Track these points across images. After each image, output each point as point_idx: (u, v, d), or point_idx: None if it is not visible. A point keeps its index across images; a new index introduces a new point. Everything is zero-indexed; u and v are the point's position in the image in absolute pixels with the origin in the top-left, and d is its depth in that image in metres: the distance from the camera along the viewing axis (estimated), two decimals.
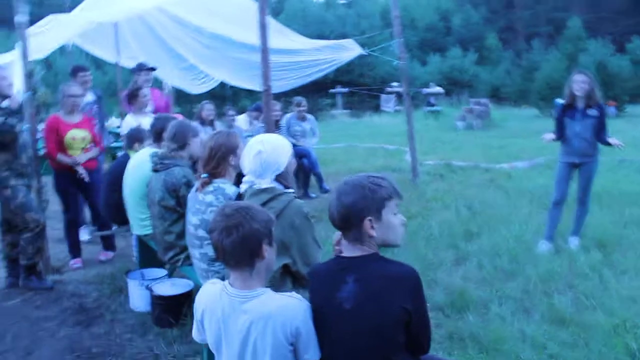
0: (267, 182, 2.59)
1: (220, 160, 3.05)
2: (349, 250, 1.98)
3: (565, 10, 49.58)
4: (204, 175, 3.05)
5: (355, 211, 1.92)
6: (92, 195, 5.22)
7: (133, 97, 5.75)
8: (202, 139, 3.75)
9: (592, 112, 4.96)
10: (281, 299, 1.91)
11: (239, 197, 2.71)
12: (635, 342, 3.26)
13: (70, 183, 5.17)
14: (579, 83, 4.97)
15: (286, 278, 2.50)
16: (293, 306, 1.89)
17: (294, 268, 2.49)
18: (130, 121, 5.65)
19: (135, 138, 4.69)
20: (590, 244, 5.18)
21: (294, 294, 1.96)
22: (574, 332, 3.50)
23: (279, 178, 2.65)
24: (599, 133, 4.99)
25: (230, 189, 3.01)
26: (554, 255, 4.93)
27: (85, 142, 5.14)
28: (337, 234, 2.08)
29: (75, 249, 5.33)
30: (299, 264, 2.49)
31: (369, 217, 1.92)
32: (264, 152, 2.61)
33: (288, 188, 2.65)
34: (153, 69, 6.60)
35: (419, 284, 1.90)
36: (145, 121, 5.69)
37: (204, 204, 3.04)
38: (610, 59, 25.32)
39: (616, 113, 23.12)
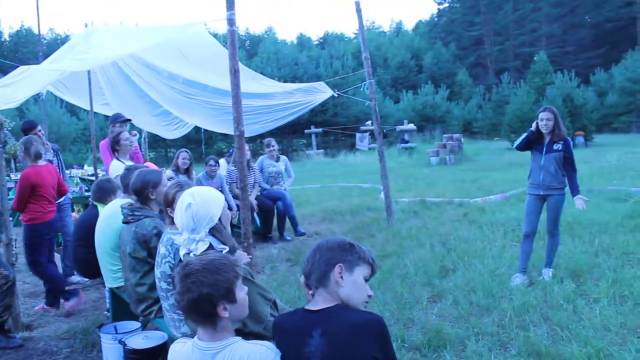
0: (201, 237, 2.52)
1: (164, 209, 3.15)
2: (314, 303, 2.00)
3: (532, 45, 51.28)
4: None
5: (329, 257, 1.97)
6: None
7: (116, 143, 5.80)
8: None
9: (558, 146, 5.11)
10: (249, 347, 1.93)
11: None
12: None
13: None
14: (544, 120, 5.14)
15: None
16: (261, 353, 1.91)
17: (246, 330, 2.45)
18: (118, 165, 5.66)
19: (103, 190, 4.63)
20: (564, 274, 5.25)
21: (264, 342, 1.98)
22: None
23: (213, 232, 2.59)
24: (568, 168, 5.13)
25: (179, 239, 2.97)
26: (528, 287, 4.98)
27: None
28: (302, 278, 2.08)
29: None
30: (250, 325, 2.46)
31: (341, 264, 1.97)
32: (194, 204, 2.53)
33: (224, 243, 2.59)
34: (128, 120, 6.65)
35: (386, 330, 1.91)
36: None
37: (160, 255, 3.04)
38: (576, 91, 26.07)
39: (584, 143, 23.76)
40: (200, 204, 2.53)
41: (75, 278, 6.16)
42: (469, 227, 7.60)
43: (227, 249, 2.56)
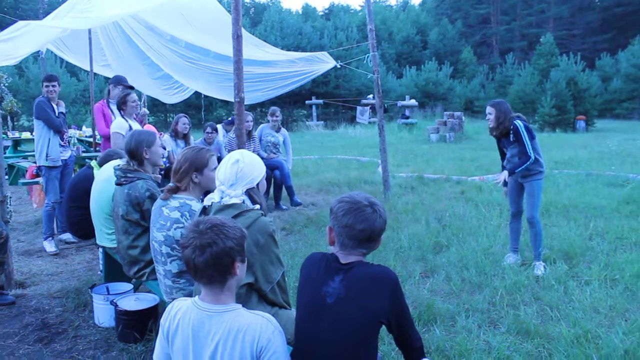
0: (236, 194, 2.59)
1: (183, 175, 3.02)
2: (345, 257, 2.14)
3: (539, 26, 50.75)
4: (171, 184, 3.04)
5: (385, 226, 2.18)
6: None
7: (123, 103, 5.77)
8: (163, 147, 3.76)
9: (512, 136, 4.97)
10: (250, 316, 1.92)
11: (204, 211, 2.69)
12: (597, 353, 3.31)
13: None
14: (487, 115, 5.05)
15: (251, 294, 2.49)
16: (261, 325, 1.90)
17: (256, 285, 2.48)
18: (121, 122, 5.62)
19: (110, 158, 4.57)
20: (557, 255, 5.26)
21: (264, 313, 1.98)
22: (539, 343, 3.55)
23: (249, 192, 2.67)
24: (521, 154, 4.93)
25: (197, 206, 2.98)
26: (520, 267, 5.00)
27: None
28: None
29: None
30: (261, 282, 2.49)
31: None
32: (242, 162, 2.65)
33: (256, 203, 2.65)
34: (132, 88, 6.57)
35: (397, 285, 2.11)
36: (136, 125, 5.72)
37: (170, 219, 2.99)
38: (581, 74, 25.88)
39: (585, 127, 23.69)
40: (247, 164, 2.66)
41: (67, 237, 6.18)
42: (465, 205, 7.61)
43: (259, 207, 2.63)
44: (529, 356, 3.41)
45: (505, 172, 4.96)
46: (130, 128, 5.59)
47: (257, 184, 2.72)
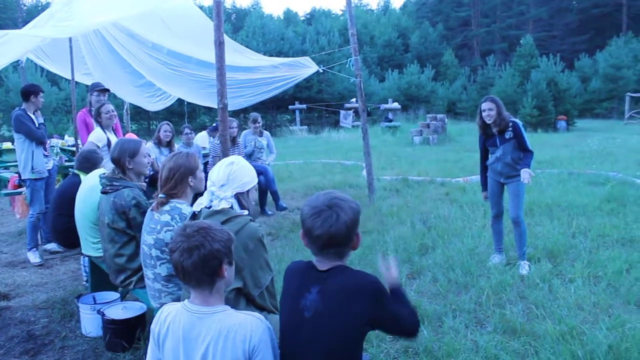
0: (226, 196, 2.61)
1: (178, 181, 3.05)
2: (322, 264, 2.05)
3: (519, 28, 51.34)
4: (162, 195, 3.04)
5: (353, 227, 2.01)
6: None
7: (97, 115, 5.76)
8: (148, 155, 3.77)
9: (509, 134, 4.97)
10: (241, 316, 1.95)
11: (194, 216, 2.71)
12: (582, 349, 3.37)
13: None
14: (486, 111, 4.95)
15: (240, 299, 2.51)
16: (252, 324, 1.92)
17: (245, 290, 2.50)
18: (100, 134, 5.60)
19: (88, 161, 4.57)
20: (541, 254, 5.33)
21: (255, 313, 2.00)
22: (525, 341, 3.60)
23: (238, 196, 2.69)
24: (522, 151, 4.95)
25: (187, 209, 3.01)
26: (505, 266, 5.05)
27: None
28: None
29: None
30: (250, 286, 2.50)
31: (358, 231, 2.06)
32: (236, 164, 2.71)
33: (244, 208, 2.67)
34: (107, 90, 6.54)
35: (380, 291, 1.99)
36: (114, 138, 5.70)
37: (160, 223, 3.01)
38: (561, 75, 26.20)
39: (566, 127, 23.98)
40: (241, 167, 2.73)
41: (52, 247, 6.12)
42: (449, 206, 7.66)
43: (247, 212, 2.65)
44: (516, 354, 3.45)
45: (527, 169, 4.80)
46: (109, 141, 5.57)
47: (248, 192, 2.76)
